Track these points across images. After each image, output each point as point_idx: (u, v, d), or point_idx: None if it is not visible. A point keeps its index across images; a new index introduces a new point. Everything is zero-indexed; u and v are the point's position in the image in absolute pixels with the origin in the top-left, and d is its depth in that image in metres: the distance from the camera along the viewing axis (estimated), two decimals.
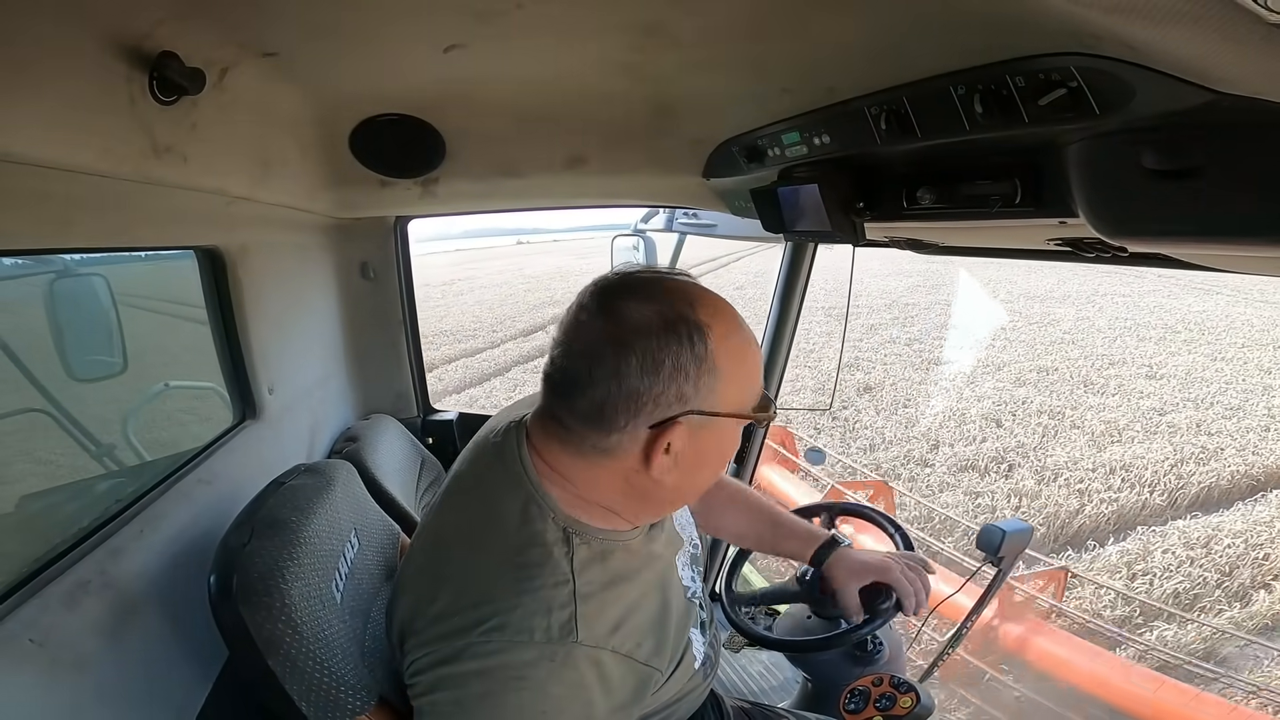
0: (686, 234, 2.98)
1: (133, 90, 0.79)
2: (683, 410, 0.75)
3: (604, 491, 0.82)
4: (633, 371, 0.73)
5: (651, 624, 0.85)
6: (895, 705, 1.29)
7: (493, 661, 0.71)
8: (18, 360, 1.49)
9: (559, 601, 0.74)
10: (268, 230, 1.44)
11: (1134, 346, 15.74)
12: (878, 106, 0.94)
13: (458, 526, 0.85)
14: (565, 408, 0.77)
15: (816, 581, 1.53)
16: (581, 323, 0.76)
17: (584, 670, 0.74)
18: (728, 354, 0.76)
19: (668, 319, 0.74)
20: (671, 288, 0.78)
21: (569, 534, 0.79)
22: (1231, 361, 14.52)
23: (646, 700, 0.85)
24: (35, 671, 0.71)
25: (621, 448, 0.77)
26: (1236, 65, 0.49)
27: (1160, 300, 21.38)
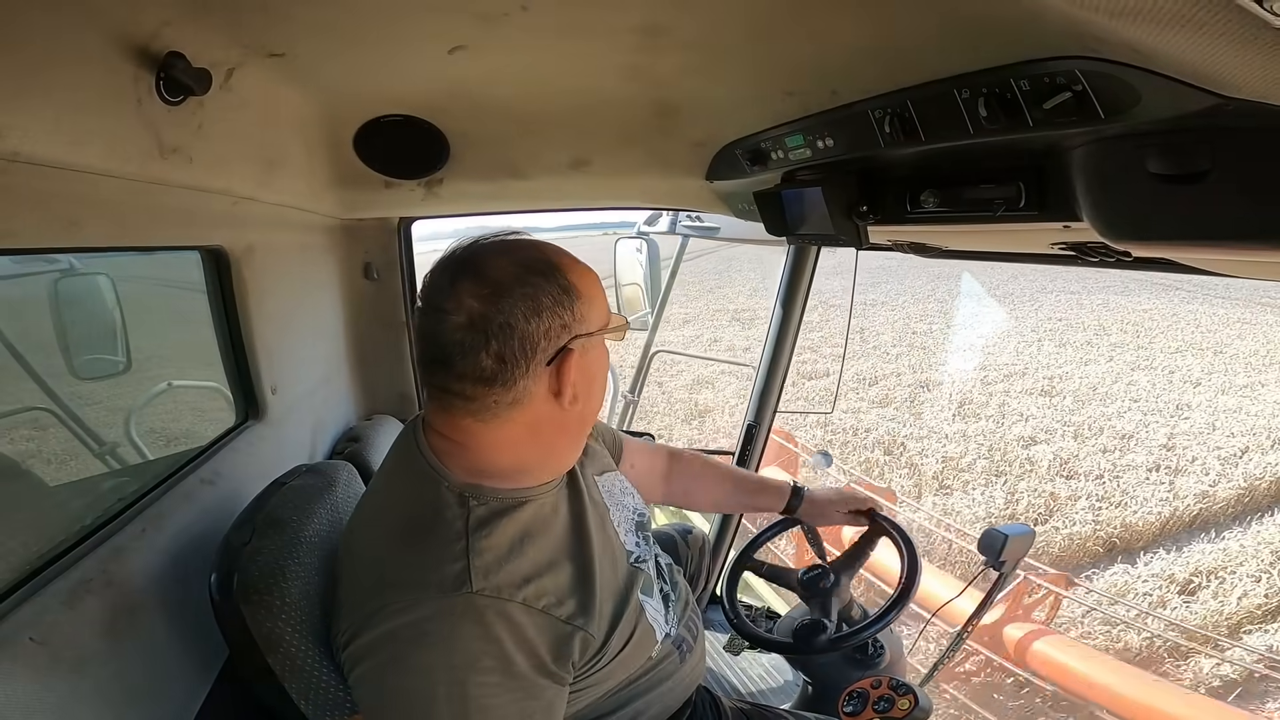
0: (689, 236, 2.99)
1: (139, 90, 0.79)
2: (570, 338, 0.82)
3: (512, 449, 0.85)
4: (519, 318, 0.78)
5: (573, 582, 0.86)
6: (894, 707, 1.29)
7: (394, 622, 0.74)
8: (21, 358, 1.50)
9: (451, 556, 0.77)
10: (272, 230, 1.44)
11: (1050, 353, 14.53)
12: (881, 110, 0.94)
13: (362, 517, 0.90)
14: (455, 376, 0.80)
15: (817, 581, 1.53)
16: (446, 293, 0.79)
17: (489, 622, 0.75)
18: (581, 280, 0.84)
19: (527, 265, 0.81)
20: (519, 241, 0.84)
21: (465, 498, 0.82)
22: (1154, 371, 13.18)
23: (591, 667, 0.87)
24: (36, 670, 0.71)
25: (528, 393, 0.82)
26: (1242, 69, 0.48)
27: (1109, 298, 20.46)
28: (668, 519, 3.26)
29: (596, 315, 0.86)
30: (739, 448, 2.26)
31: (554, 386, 0.83)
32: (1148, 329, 16.64)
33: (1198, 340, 15.37)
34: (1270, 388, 11.94)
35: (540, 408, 0.83)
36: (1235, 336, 15.60)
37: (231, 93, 1.00)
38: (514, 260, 0.80)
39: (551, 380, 0.82)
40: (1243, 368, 13.20)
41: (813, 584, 1.54)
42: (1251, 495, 8.21)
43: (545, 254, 0.83)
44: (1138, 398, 11.57)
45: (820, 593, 1.53)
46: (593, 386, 0.90)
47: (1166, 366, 13.35)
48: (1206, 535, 7.54)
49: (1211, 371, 13.01)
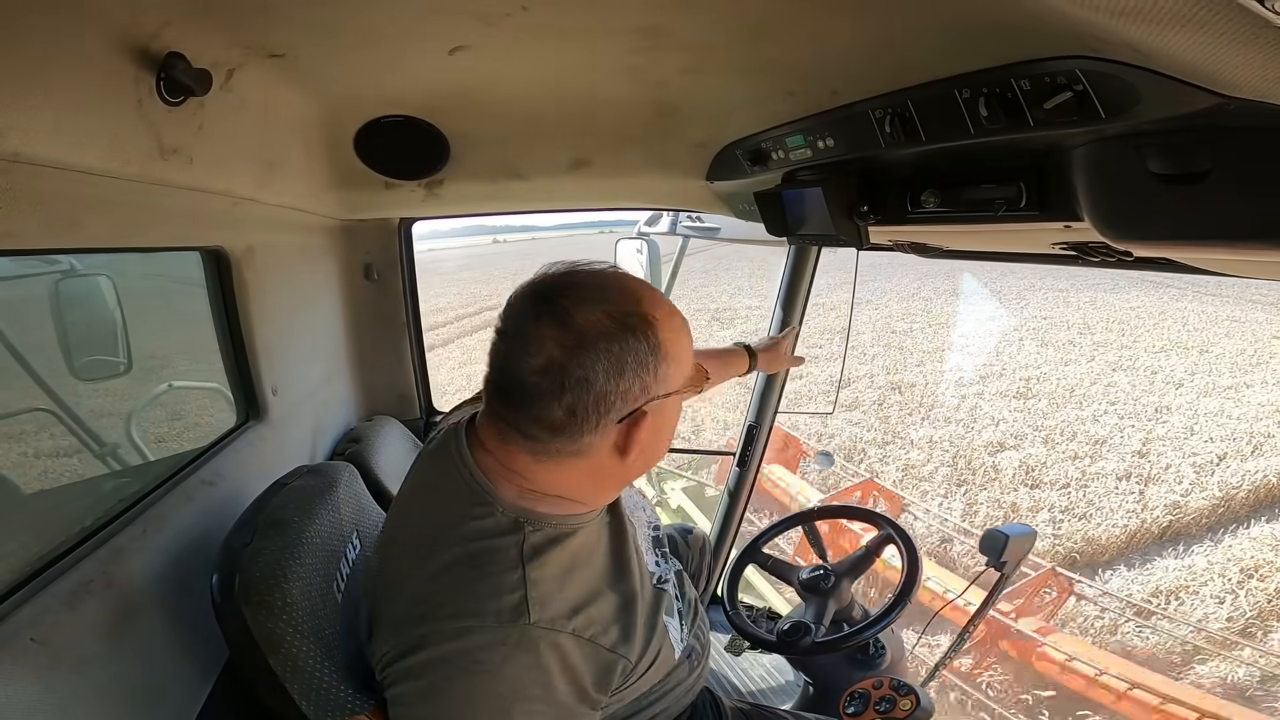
0: (689, 237, 2.99)
1: (140, 91, 0.79)
2: (646, 400, 0.79)
3: (564, 484, 0.83)
4: (599, 376, 0.74)
5: (615, 610, 0.86)
6: (895, 708, 1.29)
7: (448, 648, 0.73)
8: (23, 359, 1.50)
9: (508, 586, 0.76)
10: (273, 231, 1.44)
11: (1031, 353, 14.07)
12: (882, 110, 0.94)
13: (409, 530, 0.86)
14: (524, 417, 0.78)
15: (817, 582, 1.53)
16: (528, 334, 0.76)
17: (541, 652, 0.75)
18: (672, 338, 0.80)
19: (619, 319, 0.76)
20: (611, 285, 0.80)
21: (519, 523, 0.80)
22: (1136, 371, 12.73)
23: (619, 689, 0.86)
24: (36, 671, 0.71)
25: (593, 447, 0.79)
26: (1243, 69, 0.48)
27: (1097, 295, 19.96)
28: (669, 519, 3.26)
29: (679, 374, 0.82)
30: (740, 448, 2.25)
31: (620, 443, 0.80)
32: (1133, 327, 16.33)
33: (1184, 339, 15.02)
34: (1255, 389, 11.62)
35: (602, 460, 0.81)
36: (1223, 335, 15.27)
37: (232, 93, 1.00)
38: (607, 312, 0.76)
39: (619, 437, 0.79)
40: (1228, 368, 12.81)
41: (812, 584, 1.55)
42: (1227, 506, 7.82)
43: (641, 305, 0.78)
44: (1116, 400, 11.23)
45: (819, 593, 1.53)
46: (659, 442, 0.86)
47: (1149, 367, 12.99)
48: (1174, 550, 7.15)
49: (1195, 372, 12.67)
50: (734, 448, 2.30)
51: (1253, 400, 11.00)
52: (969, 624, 1.86)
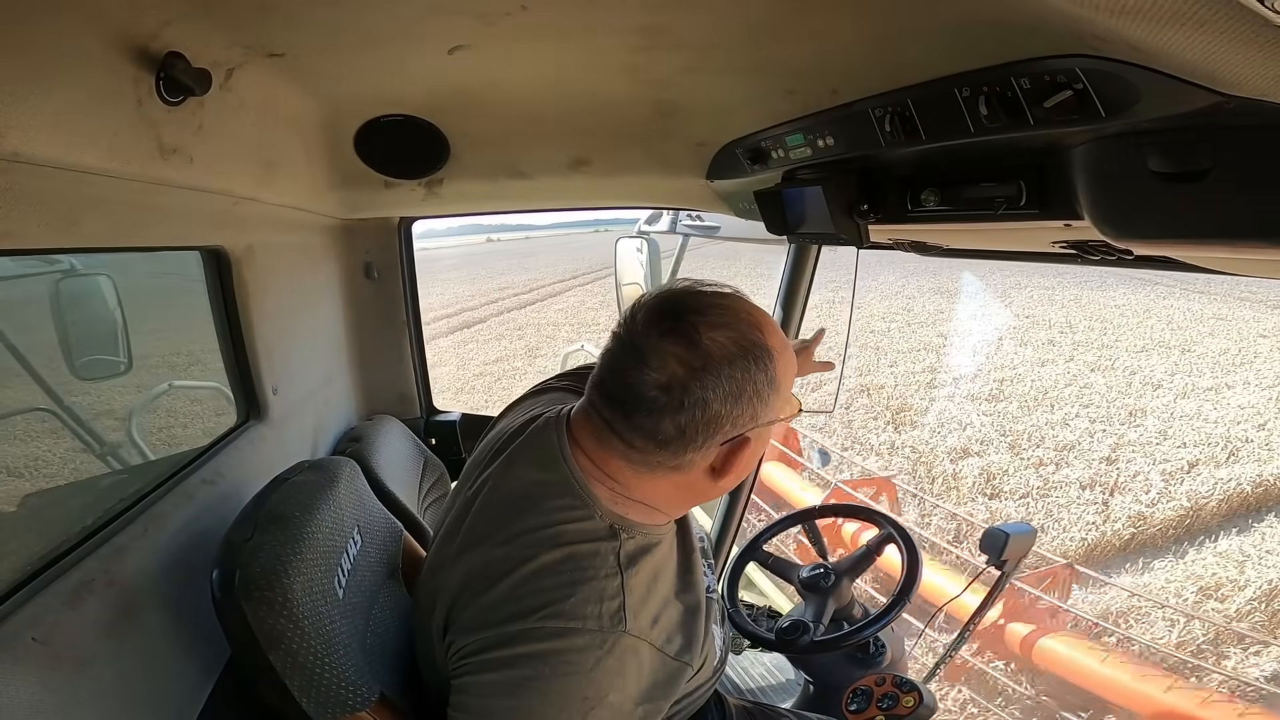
0: (690, 236, 2.99)
1: (140, 91, 0.79)
2: (753, 426, 0.81)
3: (653, 495, 0.85)
4: (717, 399, 0.76)
5: (681, 619, 0.87)
6: (898, 705, 1.29)
7: (545, 646, 0.74)
8: (23, 359, 1.50)
9: (609, 592, 0.77)
10: (273, 231, 1.44)
11: (1009, 353, 13.41)
12: (882, 108, 0.94)
13: (505, 524, 0.85)
14: (630, 426, 0.79)
15: (817, 581, 1.53)
16: (654, 348, 0.77)
17: (626, 659, 0.77)
18: (785, 371, 0.83)
19: (744, 346, 0.78)
20: (738, 310, 0.81)
21: (615, 529, 0.82)
22: (1114, 372, 12.05)
23: (675, 696, 0.87)
24: (38, 670, 0.71)
25: (693, 464, 0.81)
26: (1243, 67, 0.48)
27: (1083, 293, 19.47)
28: None
29: (782, 404, 0.84)
30: None
31: (718, 464, 0.82)
32: (1116, 326, 15.80)
33: (1166, 338, 14.48)
34: (1236, 390, 11.11)
35: (696, 477, 0.83)
36: (1207, 334, 14.73)
37: (231, 93, 1.00)
38: (733, 337, 0.78)
39: (719, 459, 0.82)
40: (1209, 368, 12.25)
41: (812, 583, 1.55)
42: (1195, 517, 7.33)
43: (762, 335, 0.80)
44: (1090, 403, 10.62)
45: (819, 592, 1.54)
46: (749, 467, 0.87)
47: (1128, 367, 12.41)
48: (1133, 566, 6.60)
49: (1175, 373, 12.10)
50: None
51: (1232, 403, 10.47)
52: (969, 622, 1.86)
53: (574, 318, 18.57)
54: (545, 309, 20.85)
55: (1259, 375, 11.62)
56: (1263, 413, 9.95)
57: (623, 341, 0.80)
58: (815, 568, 1.57)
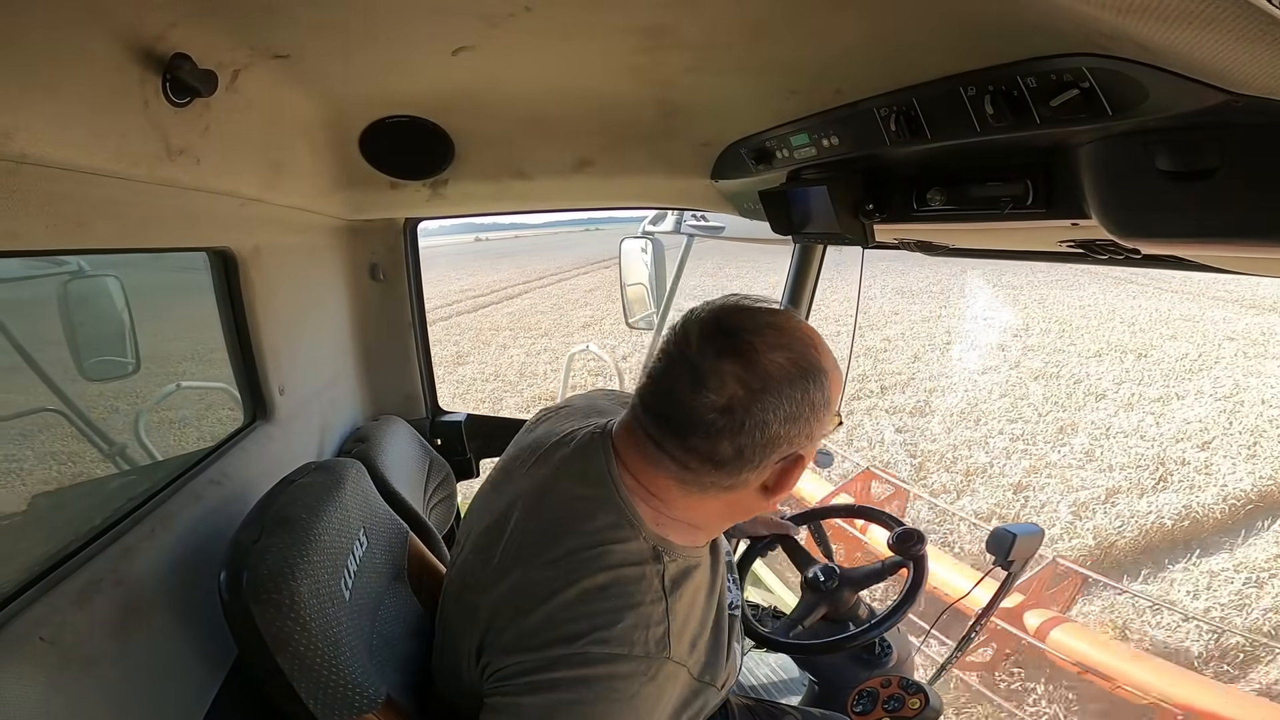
0: (694, 236, 2.99)
1: (146, 93, 0.79)
2: (806, 445, 0.81)
3: (699, 514, 0.84)
4: (777, 420, 0.76)
5: (712, 641, 0.87)
6: (904, 706, 1.28)
7: (591, 671, 0.73)
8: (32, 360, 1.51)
9: (655, 618, 0.77)
10: (279, 232, 1.45)
11: (953, 359, 12.36)
12: (887, 108, 0.94)
13: (547, 544, 0.82)
14: (685, 448, 0.79)
15: (822, 582, 1.53)
16: (711, 368, 0.76)
17: (666, 684, 0.77)
18: (836, 387, 0.82)
19: (803, 368, 0.78)
20: (793, 330, 0.80)
21: (659, 552, 0.81)
22: (1058, 380, 10.94)
23: (694, 714, 0.87)
24: (46, 669, 0.71)
25: (747, 483, 0.81)
26: (1251, 66, 0.48)
27: (1050, 293, 18.60)
28: None
29: (832, 420, 0.84)
30: None
31: (771, 483, 0.82)
32: (1074, 329, 14.58)
33: (1125, 342, 13.25)
34: (1187, 401, 9.96)
35: (747, 495, 0.83)
36: (1169, 337, 13.56)
37: (238, 94, 1.00)
38: (791, 358, 0.77)
39: (773, 478, 0.81)
40: (1162, 376, 11.15)
41: (814, 583, 1.54)
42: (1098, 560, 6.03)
43: (818, 356, 0.80)
44: (1019, 417, 9.48)
45: (816, 593, 1.53)
46: (797, 481, 0.87)
47: (1075, 375, 11.30)
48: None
49: (1124, 381, 10.95)
50: None
51: (1177, 416, 9.42)
52: (976, 622, 1.85)
53: (518, 322, 17.90)
54: (495, 313, 20.07)
55: (1215, 384, 10.61)
56: (1209, 429, 8.95)
57: (675, 359, 0.79)
58: (823, 568, 1.56)
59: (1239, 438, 8.54)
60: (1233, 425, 8.96)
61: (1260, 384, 10.37)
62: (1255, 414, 9.28)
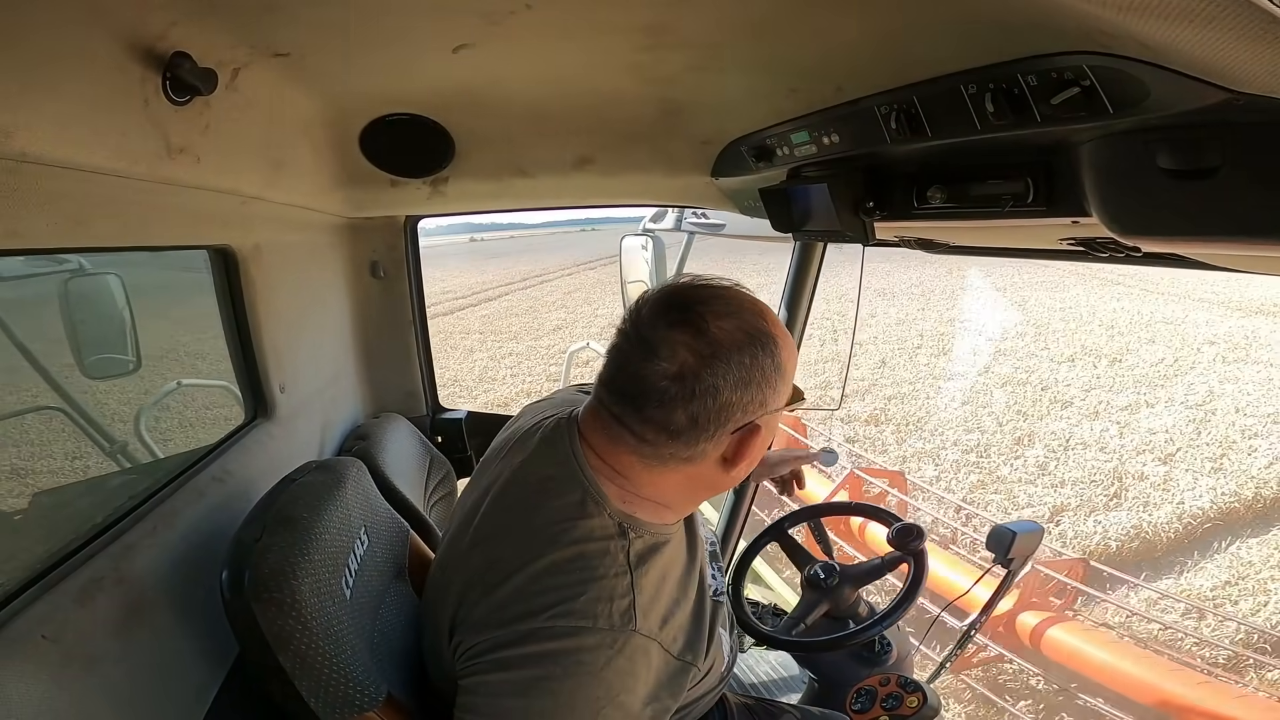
0: (695, 234, 2.99)
1: (147, 91, 0.79)
2: (761, 414, 0.82)
3: (664, 490, 0.85)
4: (728, 386, 0.78)
5: (690, 619, 0.87)
6: (902, 705, 1.29)
7: (556, 645, 0.74)
8: (33, 358, 1.51)
9: (620, 591, 0.78)
10: (279, 230, 1.45)
11: (922, 364, 11.89)
12: (887, 106, 0.94)
13: (514, 520, 0.86)
14: (642, 419, 0.80)
15: (823, 580, 1.53)
16: (663, 338, 0.78)
17: (637, 659, 0.77)
18: (788, 356, 0.84)
19: (750, 333, 0.80)
20: (741, 300, 0.83)
21: (624, 528, 0.82)
22: (1025, 386, 10.54)
23: (682, 697, 0.87)
24: (48, 668, 0.72)
25: (705, 454, 0.82)
26: (1253, 64, 0.48)
27: (1032, 294, 17.96)
28: None
29: (786, 390, 0.86)
30: None
31: (729, 454, 0.83)
32: (1051, 332, 14.07)
33: (1100, 346, 12.79)
34: (1156, 409, 9.51)
35: (707, 468, 0.84)
36: (1146, 340, 13.11)
37: (238, 93, 1.00)
38: (740, 325, 0.80)
39: (730, 448, 0.83)
40: (1134, 382, 10.71)
41: (814, 581, 1.55)
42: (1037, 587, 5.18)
43: (766, 323, 0.82)
44: (978, 426, 9.03)
45: (817, 591, 1.54)
46: (759, 455, 0.88)
47: (1042, 381, 10.85)
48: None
49: (1093, 388, 10.52)
50: None
51: (1143, 426, 8.90)
52: (975, 620, 1.86)
53: (489, 325, 17.68)
54: (470, 315, 19.90)
55: (1188, 391, 10.21)
56: (1175, 440, 8.51)
57: (629, 336, 0.81)
58: (823, 566, 1.56)
59: (1205, 449, 8.29)
60: (1200, 436, 8.67)
61: (1235, 391, 10.09)
62: (1226, 424, 8.97)
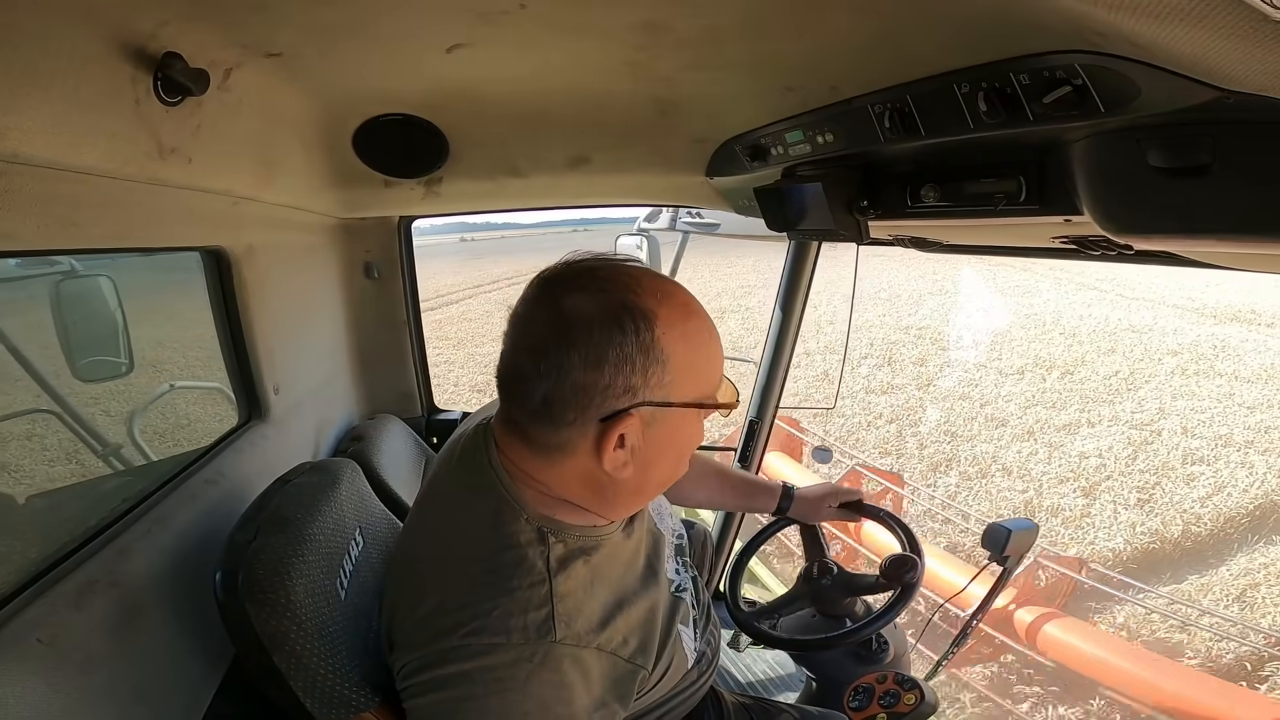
0: (690, 233, 2.99)
1: (138, 91, 0.79)
2: (632, 403, 0.74)
3: (570, 488, 0.81)
4: (575, 365, 0.71)
5: (638, 621, 0.85)
6: (899, 702, 1.29)
7: (472, 664, 0.71)
8: (25, 361, 1.51)
9: (535, 602, 0.74)
10: (272, 230, 1.44)
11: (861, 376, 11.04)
12: (881, 105, 0.94)
13: (434, 532, 0.85)
14: (516, 406, 0.77)
15: (820, 579, 1.53)
16: (525, 315, 0.76)
17: (565, 669, 0.74)
18: (678, 341, 0.74)
19: (609, 308, 0.72)
20: (614, 275, 0.76)
21: (544, 533, 0.79)
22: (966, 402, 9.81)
23: (632, 700, 0.84)
24: (43, 671, 0.71)
25: (572, 443, 0.76)
26: (1243, 63, 0.48)
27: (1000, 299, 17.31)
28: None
29: (687, 386, 0.76)
30: (741, 443, 2.26)
31: (601, 445, 0.75)
32: (1008, 341, 13.32)
33: (1055, 356, 11.97)
34: (1098, 429, 8.72)
35: (584, 462, 0.77)
36: (1106, 351, 12.34)
37: (229, 93, 1.00)
38: (597, 302, 0.72)
39: (598, 438, 0.75)
40: (1081, 398, 9.89)
41: (811, 580, 1.55)
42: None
43: (640, 301, 0.73)
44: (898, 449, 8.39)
45: (810, 587, 1.54)
46: (658, 460, 0.81)
47: (984, 397, 10.01)
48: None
49: (1035, 403, 9.72)
50: (735, 443, 2.30)
51: (1074, 450, 8.08)
52: (971, 619, 1.86)
53: (437, 331, 16.93)
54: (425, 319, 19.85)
55: (1136, 408, 9.44)
56: (1106, 466, 7.68)
57: (510, 319, 0.79)
58: (820, 565, 1.56)
59: (1137, 478, 7.45)
60: (1136, 461, 7.86)
61: (1187, 409, 9.36)
62: (1169, 447, 8.17)
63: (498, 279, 27.59)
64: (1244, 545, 6.25)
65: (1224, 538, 6.41)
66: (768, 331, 2.17)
